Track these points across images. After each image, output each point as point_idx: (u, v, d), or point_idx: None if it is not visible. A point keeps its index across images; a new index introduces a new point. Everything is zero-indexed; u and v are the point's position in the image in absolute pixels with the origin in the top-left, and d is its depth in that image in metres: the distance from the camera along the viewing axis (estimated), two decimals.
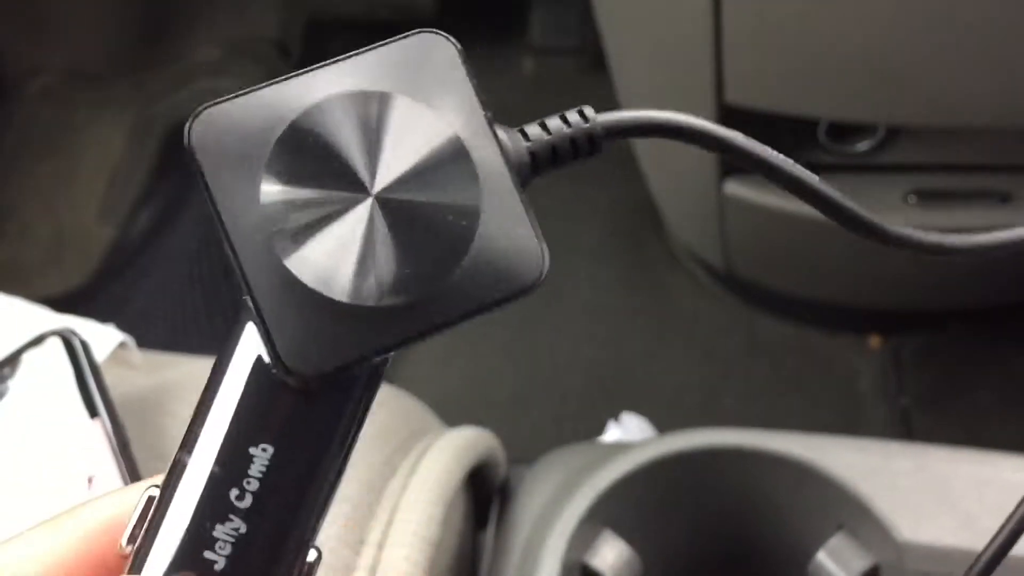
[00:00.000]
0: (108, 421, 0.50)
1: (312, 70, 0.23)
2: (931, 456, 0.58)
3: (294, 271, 0.21)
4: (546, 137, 0.25)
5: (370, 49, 0.23)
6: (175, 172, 1.27)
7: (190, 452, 0.23)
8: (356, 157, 0.22)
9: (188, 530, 0.23)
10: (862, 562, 0.56)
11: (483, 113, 0.23)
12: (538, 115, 0.25)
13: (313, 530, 0.24)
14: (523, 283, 0.23)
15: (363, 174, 0.22)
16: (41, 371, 0.52)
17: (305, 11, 1.40)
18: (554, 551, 0.56)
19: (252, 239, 0.22)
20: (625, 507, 0.59)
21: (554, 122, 0.25)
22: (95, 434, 0.49)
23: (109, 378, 0.51)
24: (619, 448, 0.61)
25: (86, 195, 1.27)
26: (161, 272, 1.16)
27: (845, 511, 0.57)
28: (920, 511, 0.56)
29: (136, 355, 0.59)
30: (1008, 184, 0.91)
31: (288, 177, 0.22)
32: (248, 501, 0.23)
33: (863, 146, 0.93)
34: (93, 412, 0.50)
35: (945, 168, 0.93)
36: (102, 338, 0.57)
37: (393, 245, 0.22)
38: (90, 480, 0.49)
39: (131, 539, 0.23)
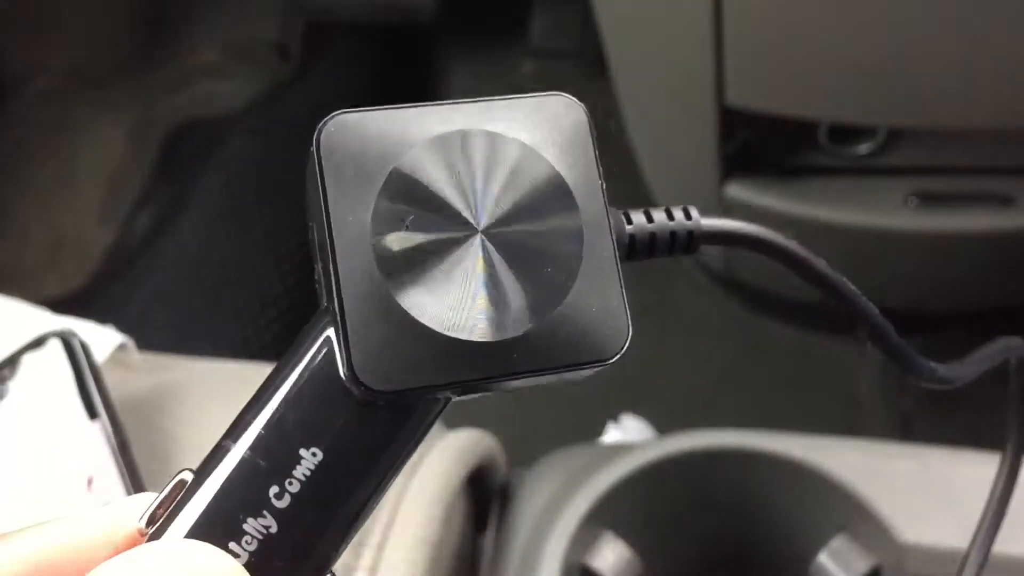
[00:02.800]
0: (108, 422, 0.50)
1: (448, 104, 0.23)
2: (932, 457, 0.58)
3: (391, 291, 0.22)
4: (648, 226, 0.25)
5: (505, 97, 0.24)
6: (175, 174, 1.27)
7: (235, 440, 0.23)
8: (472, 192, 0.23)
9: (219, 516, 0.22)
10: (863, 563, 0.56)
11: (600, 182, 0.24)
12: None
13: (337, 549, 0.23)
14: (603, 353, 0.23)
15: (476, 210, 0.23)
16: (41, 373, 0.52)
17: (305, 13, 1.40)
18: (554, 553, 0.56)
19: (355, 249, 0.22)
20: (625, 509, 0.59)
21: (659, 214, 0.26)
22: (95, 435, 0.49)
23: (109, 379, 0.51)
24: (619, 450, 0.61)
25: (85, 197, 1.27)
26: (160, 274, 1.16)
27: (846, 513, 0.57)
28: (921, 512, 0.56)
29: (136, 356, 0.59)
30: (1009, 186, 0.91)
31: (403, 200, 0.22)
32: (286, 501, 0.22)
33: (864, 148, 0.93)
34: (93, 413, 0.50)
35: (946, 170, 0.93)
36: (102, 339, 0.57)
37: (493, 284, 0.22)
38: (89, 481, 0.49)
39: (151, 520, 0.23)
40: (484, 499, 0.61)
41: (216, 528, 0.22)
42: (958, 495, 0.57)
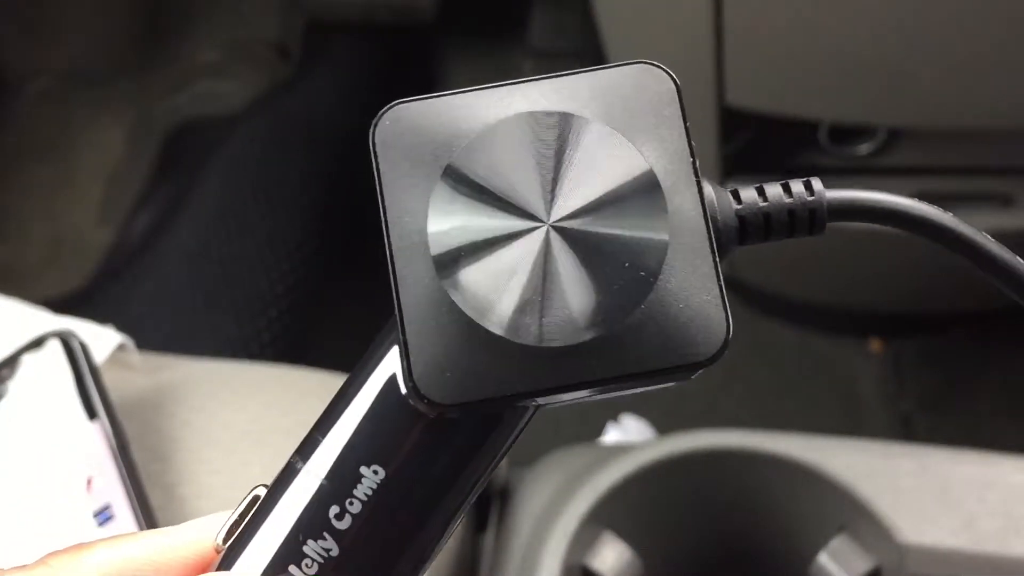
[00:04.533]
0: (107, 422, 0.50)
1: (515, 83, 0.21)
2: (932, 458, 0.58)
3: (451, 293, 0.20)
4: (761, 204, 0.22)
5: (581, 71, 0.21)
6: (174, 173, 1.27)
7: (305, 459, 0.22)
8: (538, 182, 0.20)
9: (283, 540, 0.21)
10: (863, 564, 0.56)
11: (691, 160, 0.21)
12: None
13: (415, 574, 0.22)
14: (697, 354, 0.21)
15: (542, 201, 0.20)
16: (40, 373, 0.52)
17: (305, 12, 1.40)
18: (554, 553, 0.56)
19: (413, 252, 0.20)
20: (625, 509, 0.59)
21: (773, 189, 0.23)
22: (94, 435, 0.49)
23: (108, 379, 0.51)
24: (619, 450, 0.61)
25: (85, 196, 1.27)
26: (160, 274, 1.16)
27: (846, 513, 0.57)
28: (921, 513, 0.56)
29: (135, 357, 0.59)
30: (1010, 187, 0.91)
31: (462, 192, 0.20)
32: (347, 522, 0.21)
33: (864, 148, 0.93)
34: (92, 413, 0.50)
35: (947, 171, 0.93)
36: (101, 340, 0.57)
37: (563, 283, 0.20)
38: (89, 481, 0.49)
39: (228, 536, 0.22)
40: (484, 499, 0.61)
41: (279, 554, 0.21)
42: (958, 496, 0.57)
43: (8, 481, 0.50)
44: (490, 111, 0.21)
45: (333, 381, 0.57)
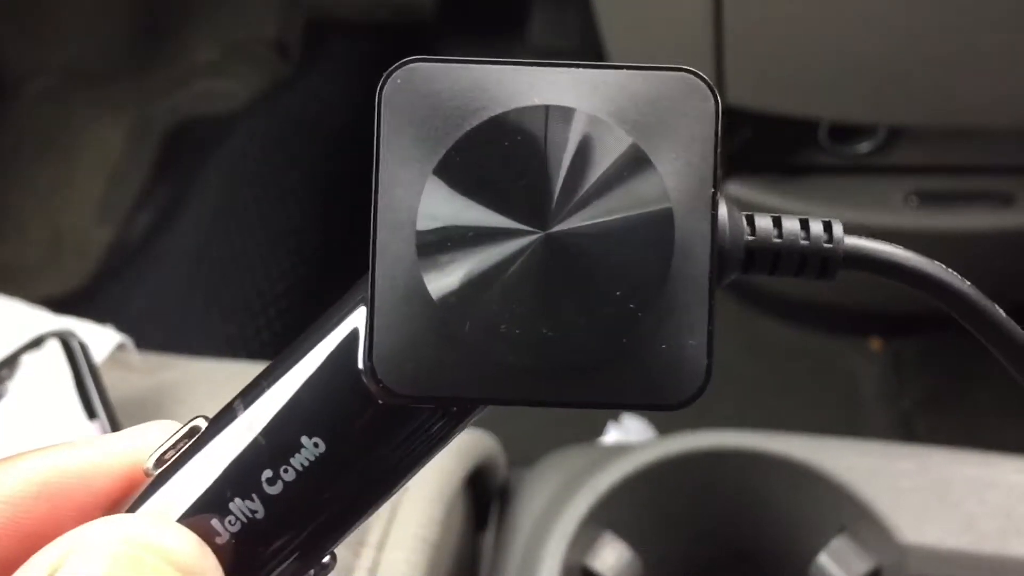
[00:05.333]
0: (107, 422, 0.50)
1: (544, 65, 0.19)
2: (932, 458, 0.58)
3: (427, 281, 0.19)
4: (774, 239, 0.21)
5: (619, 66, 0.19)
6: (174, 173, 1.27)
7: (246, 406, 0.21)
8: (545, 185, 0.19)
9: (211, 488, 0.21)
10: (863, 564, 0.56)
11: (712, 191, 0.19)
12: None
13: (329, 548, 0.22)
14: (666, 399, 0.19)
15: (545, 206, 0.19)
16: (40, 372, 0.52)
17: (305, 13, 1.40)
18: (554, 553, 0.56)
19: (397, 225, 0.19)
20: (625, 509, 0.58)
21: (791, 224, 0.21)
22: (94, 435, 0.49)
23: (108, 379, 0.51)
24: (619, 450, 0.61)
25: (85, 196, 1.27)
26: (160, 273, 1.16)
27: (846, 513, 0.57)
28: (921, 513, 0.55)
29: (135, 356, 0.59)
30: (1010, 186, 0.91)
31: (463, 178, 0.19)
32: (278, 488, 0.20)
33: (864, 147, 0.93)
34: (92, 413, 0.50)
35: (946, 170, 0.93)
36: (101, 339, 0.57)
37: (546, 299, 0.19)
38: None
39: (158, 463, 0.22)
40: (484, 499, 0.61)
41: (202, 502, 0.21)
42: (958, 496, 0.57)
43: None
44: (511, 93, 0.19)
45: None
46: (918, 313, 1.12)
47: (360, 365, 0.20)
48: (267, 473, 0.21)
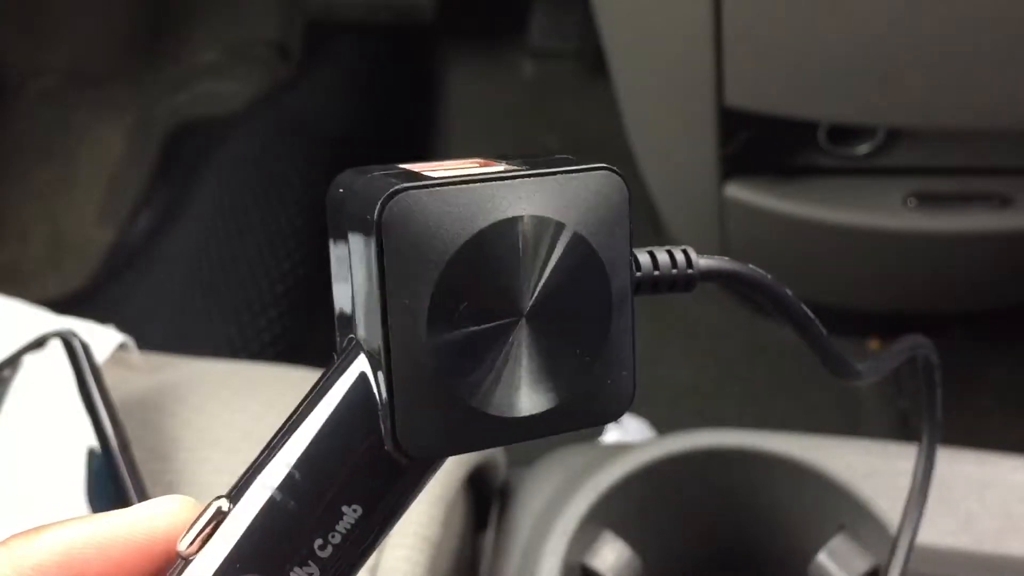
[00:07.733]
0: (108, 422, 0.50)
1: (502, 179, 0.24)
2: None
3: (443, 373, 0.24)
4: (654, 272, 0.27)
5: (554, 172, 0.25)
6: (174, 174, 1.27)
7: (282, 491, 0.24)
8: (519, 278, 0.24)
9: (262, 561, 0.24)
10: (863, 563, 0.56)
11: (629, 260, 0.26)
12: (537, 117, 0.25)
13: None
14: (608, 416, 0.26)
15: (522, 296, 0.24)
16: (42, 373, 0.52)
17: (305, 13, 1.40)
18: (554, 552, 0.56)
19: (410, 335, 0.24)
20: (625, 508, 0.59)
21: (663, 256, 0.28)
22: (95, 435, 0.49)
23: (109, 379, 0.51)
24: (619, 449, 0.61)
25: (85, 197, 1.27)
26: (160, 274, 1.16)
27: (845, 512, 0.57)
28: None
29: (136, 356, 0.59)
30: (1008, 187, 0.91)
31: (458, 288, 0.24)
32: (328, 552, 0.24)
33: (863, 149, 0.93)
34: (93, 413, 0.50)
35: (945, 171, 0.93)
36: (102, 339, 0.57)
37: (530, 368, 0.25)
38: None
39: (192, 545, 0.24)
40: (484, 499, 0.61)
41: (262, 573, 0.24)
42: (957, 495, 0.57)
43: (9, 480, 0.50)
44: (487, 212, 0.24)
45: None
46: (917, 313, 1.12)
47: (386, 444, 0.24)
48: (318, 542, 0.24)
